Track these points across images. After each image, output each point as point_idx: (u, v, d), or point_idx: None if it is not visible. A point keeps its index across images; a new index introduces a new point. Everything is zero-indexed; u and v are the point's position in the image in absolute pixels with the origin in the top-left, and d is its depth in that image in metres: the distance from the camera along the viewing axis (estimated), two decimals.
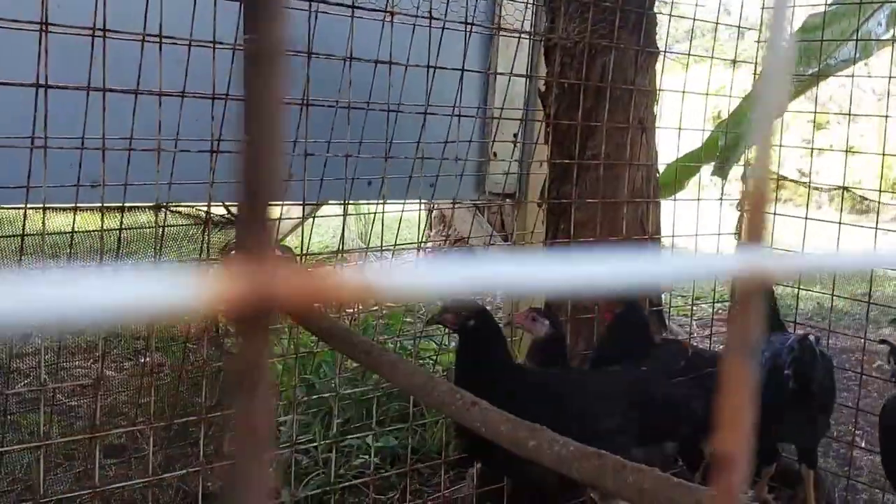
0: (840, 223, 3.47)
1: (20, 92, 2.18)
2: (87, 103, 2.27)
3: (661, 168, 4.04)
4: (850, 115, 3.80)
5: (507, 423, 1.96)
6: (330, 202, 6.14)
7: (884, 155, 3.52)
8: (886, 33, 3.96)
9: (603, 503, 2.96)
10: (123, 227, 2.49)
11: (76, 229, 2.42)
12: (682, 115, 3.69)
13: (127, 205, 2.41)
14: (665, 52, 3.75)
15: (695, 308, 6.37)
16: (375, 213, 3.27)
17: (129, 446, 3.54)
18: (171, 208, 2.44)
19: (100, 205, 2.37)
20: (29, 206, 2.26)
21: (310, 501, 3.24)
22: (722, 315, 4.78)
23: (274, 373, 3.85)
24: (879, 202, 3.58)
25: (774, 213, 3.84)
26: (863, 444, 3.92)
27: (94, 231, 2.55)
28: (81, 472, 3.07)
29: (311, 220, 6.68)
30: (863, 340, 3.81)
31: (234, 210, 2.62)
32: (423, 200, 3.47)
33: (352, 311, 3.97)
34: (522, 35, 3.42)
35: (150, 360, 3.49)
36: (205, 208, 2.62)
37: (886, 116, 3.43)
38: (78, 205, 2.37)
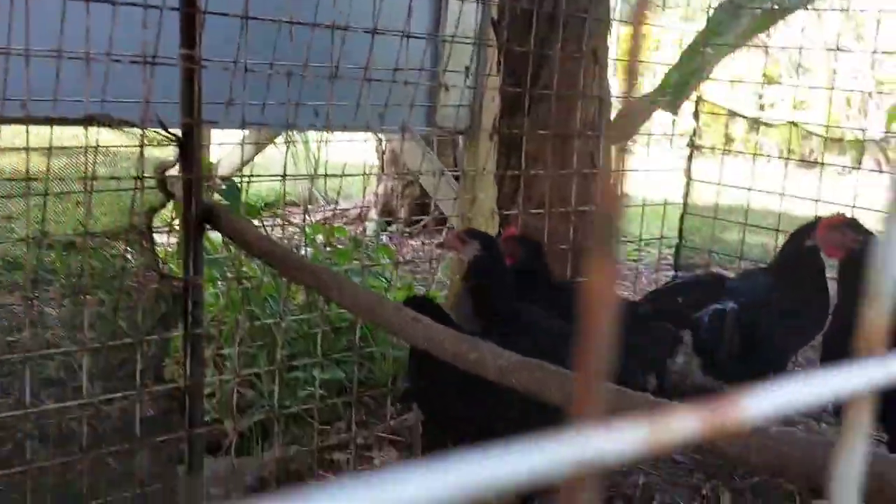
0: (787, 159, 3.47)
1: None
2: (11, 7, 2.14)
3: (615, 103, 4.00)
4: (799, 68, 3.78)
5: (450, 338, 1.92)
6: (276, 141, 6.02)
7: (831, 89, 3.51)
8: None
9: None
10: (53, 145, 2.38)
11: None
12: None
13: (55, 117, 2.29)
14: None
15: (642, 253, 6.42)
16: (321, 141, 3.19)
17: (66, 379, 3.45)
18: (104, 122, 2.33)
19: (24, 116, 2.24)
20: None
21: (254, 432, 3.19)
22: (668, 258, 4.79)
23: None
24: (826, 137, 3.59)
25: (723, 152, 3.84)
26: None
27: (20, 148, 2.43)
28: (16, 401, 2.97)
29: (258, 154, 6.54)
30: None
31: (172, 129, 2.52)
32: (370, 129, 3.38)
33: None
34: None
35: (91, 298, 3.38)
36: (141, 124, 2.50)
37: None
38: (2, 116, 2.25)
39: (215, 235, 3.16)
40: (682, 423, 0.25)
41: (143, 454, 2.52)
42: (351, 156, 5.35)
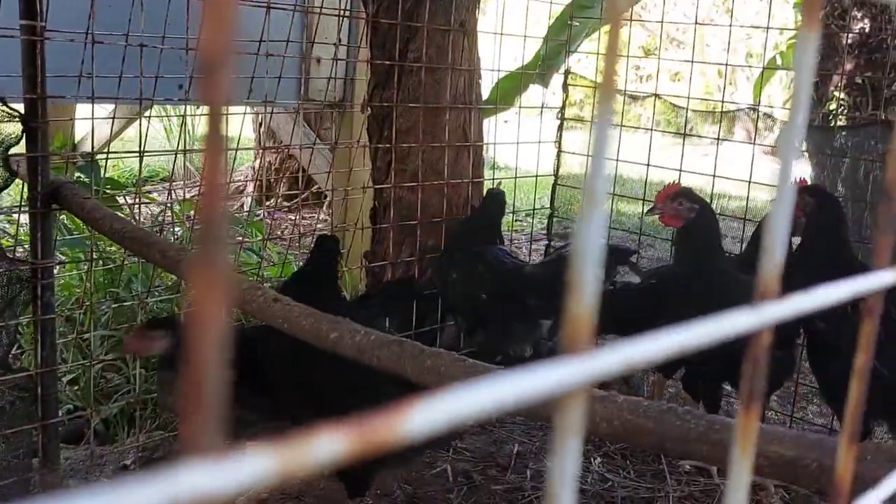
0: (653, 130, 3.56)
1: None
2: None
3: (485, 75, 3.99)
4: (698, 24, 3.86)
5: (309, 317, 1.89)
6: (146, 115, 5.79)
7: (694, 62, 3.61)
8: None
9: None
10: None
11: None
12: (503, 22, 3.65)
13: None
14: None
15: (524, 224, 6.51)
16: (184, 115, 3.07)
17: None
18: None
19: None
20: None
21: (119, 418, 3.09)
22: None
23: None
24: (688, 109, 3.69)
25: (592, 121, 3.90)
26: None
27: None
28: None
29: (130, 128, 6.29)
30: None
31: (12, 104, 2.38)
32: (233, 101, 3.28)
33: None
34: None
35: None
36: None
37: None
38: None
39: None
40: (323, 445, 0.23)
41: None
42: (230, 129, 5.23)
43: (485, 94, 4.02)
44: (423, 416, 0.25)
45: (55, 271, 3.09)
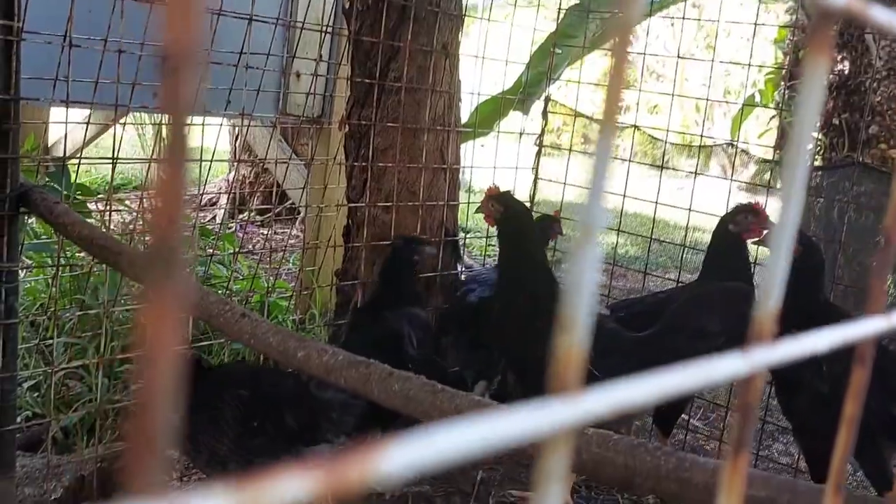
0: (630, 160, 3.57)
1: None
2: None
3: (465, 99, 3.99)
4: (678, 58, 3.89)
5: (276, 334, 1.86)
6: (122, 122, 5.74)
7: (674, 95, 3.63)
8: None
9: None
10: None
11: None
12: (485, 47, 3.66)
13: None
14: None
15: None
16: (159, 124, 3.02)
17: None
18: None
19: None
20: None
21: (80, 428, 3.01)
22: None
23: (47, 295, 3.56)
24: (666, 141, 3.71)
25: (570, 151, 3.92)
26: None
27: None
28: None
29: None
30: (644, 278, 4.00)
31: None
32: (210, 112, 3.25)
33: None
34: None
35: None
36: None
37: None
38: None
39: None
40: (287, 486, 0.21)
41: None
42: (206, 140, 5.17)
43: (464, 118, 4.02)
44: (400, 458, 0.23)
45: (20, 275, 3.03)
